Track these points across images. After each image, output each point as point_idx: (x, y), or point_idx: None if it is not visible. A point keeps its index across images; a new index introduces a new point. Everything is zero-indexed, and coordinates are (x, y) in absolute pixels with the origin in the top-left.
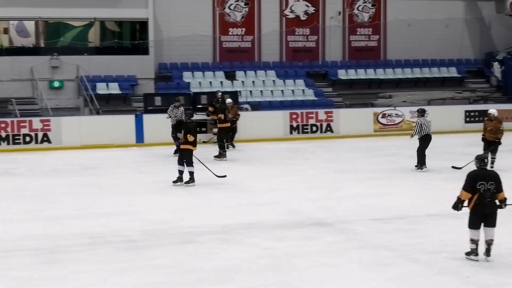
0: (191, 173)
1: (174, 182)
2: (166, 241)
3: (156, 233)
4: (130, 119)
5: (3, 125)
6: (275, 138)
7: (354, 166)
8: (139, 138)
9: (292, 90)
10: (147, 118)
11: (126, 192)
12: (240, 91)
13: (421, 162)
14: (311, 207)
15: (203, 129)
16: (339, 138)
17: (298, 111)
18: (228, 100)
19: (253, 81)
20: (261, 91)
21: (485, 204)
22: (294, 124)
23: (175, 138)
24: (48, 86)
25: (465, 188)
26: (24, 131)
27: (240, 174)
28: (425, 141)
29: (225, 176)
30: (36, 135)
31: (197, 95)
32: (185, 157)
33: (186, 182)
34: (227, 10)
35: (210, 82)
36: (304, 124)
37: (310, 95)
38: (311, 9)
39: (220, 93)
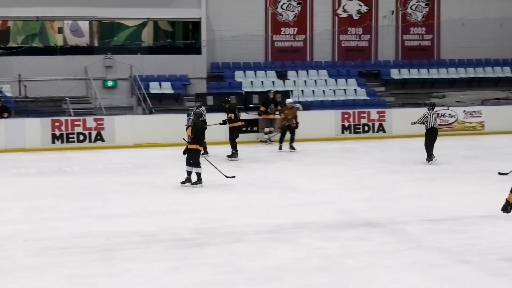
0: (198, 174)
1: (182, 183)
2: (217, 239)
3: (208, 231)
4: (182, 118)
5: (57, 123)
6: (327, 137)
7: (407, 167)
8: None
9: (344, 90)
10: None
11: (178, 190)
12: (291, 91)
13: (429, 155)
14: (363, 207)
15: (255, 128)
16: (391, 138)
17: (350, 111)
18: (289, 100)
19: (304, 81)
20: (312, 90)
21: None
22: (346, 124)
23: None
24: (101, 85)
25: None
26: (78, 129)
27: (291, 174)
28: (430, 134)
29: (234, 176)
30: (90, 133)
31: (249, 94)
32: (192, 158)
33: (193, 183)
34: (279, 10)
35: (262, 81)
36: (356, 124)
37: (362, 94)
38: (364, 8)
39: (272, 93)
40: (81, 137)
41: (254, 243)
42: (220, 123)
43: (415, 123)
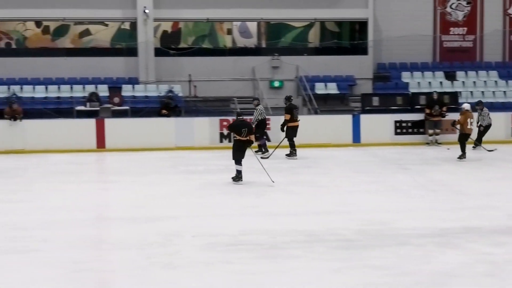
0: (239, 172)
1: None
2: (382, 242)
3: (372, 233)
4: (347, 119)
5: (225, 123)
6: (496, 140)
7: None
8: (356, 138)
9: None
10: (365, 118)
11: (342, 191)
12: (460, 92)
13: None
14: None
15: (421, 130)
16: None
17: None
18: (465, 105)
19: (474, 82)
20: (482, 92)
21: None
22: None
23: (258, 138)
24: (268, 85)
25: None
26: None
27: (458, 176)
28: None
29: (273, 182)
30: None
31: (416, 95)
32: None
33: (233, 178)
34: (448, 9)
35: (429, 82)
36: None
37: None
38: None
39: (436, 94)
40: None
41: (420, 247)
42: (281, 128)
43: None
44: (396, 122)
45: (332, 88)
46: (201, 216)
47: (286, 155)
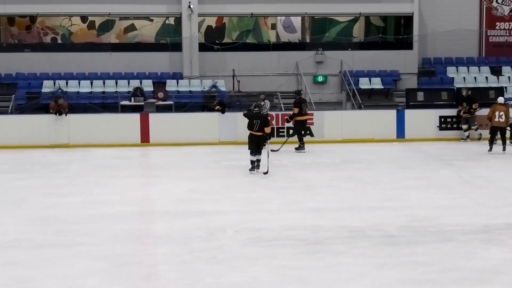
0: (251, 162)
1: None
2: (425, 238)
3: (416, 229)
4: (392, 114)
5: (268, 118)
6: None
7: None
8: (400, 133)
9: None
10: (409, 113)
11: (386, 187)
12: (506, 87)
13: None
14: None
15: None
16: None
17: None
18: (500, 99)
19: None
20: None
21: None
22: None
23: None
24: (312, 80)
25: None
26: (288, 124)
27: (504, 173)
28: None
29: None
30: None
31: (460, 90)
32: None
33: (249, 169)
34: (494, 4)
35: (475, 77)
36: None
37: None
38: None
39: (464, 90)
40: (291, 132)
41: (464, 243)
42: (287, 120)
43: None
44: (441, 117)
45: (376, 83)
46: (244, 211)
47: (295, 148)
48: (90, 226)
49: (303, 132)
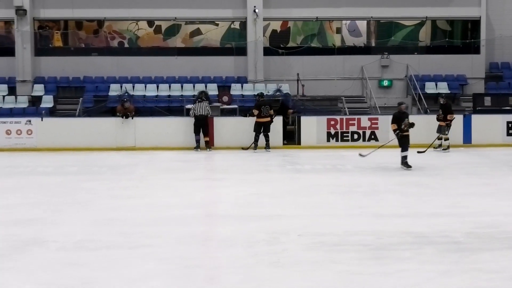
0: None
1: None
2: (492, 245)
3: (483, 236)
4: (459, 119)
5: (332, 122)
6: None
7: None
8: (467, 138)
9: None
10: (476, 118)
11: (453, 193)
12: None
13: None
14: None
15: None
16: None
17: None
18: None
19: None
20: None
21: None
22: None
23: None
24: (377, 85)
25: None
26: (352, 128)
27: None
28: None
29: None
30: (364, 133)
31: None
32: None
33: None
34: None
35: None
36: None
37: None
38: None
39: (443, 98)
40: (355, 136)
41: None
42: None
43: None
44: (508, 123)
45: (442, 88)
46: (308, 215)
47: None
48: (155, 228)
49: (257, 134)
